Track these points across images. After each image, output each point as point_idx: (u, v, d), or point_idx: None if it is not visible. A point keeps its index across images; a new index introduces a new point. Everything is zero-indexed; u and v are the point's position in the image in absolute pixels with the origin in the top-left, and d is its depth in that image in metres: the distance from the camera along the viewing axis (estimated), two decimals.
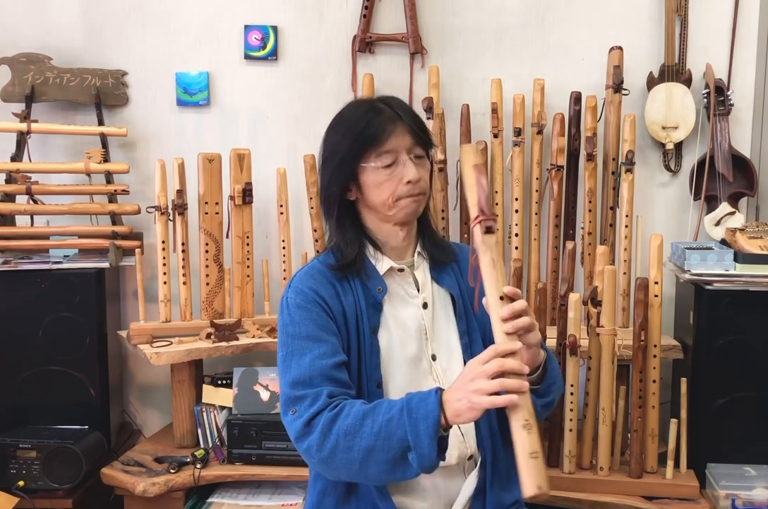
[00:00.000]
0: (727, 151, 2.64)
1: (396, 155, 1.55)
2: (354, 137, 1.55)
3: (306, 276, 1.61)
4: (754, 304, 2.31)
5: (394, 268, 1.62)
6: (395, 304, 1.62)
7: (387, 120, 1.55)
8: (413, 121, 1.57)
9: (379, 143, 1.54)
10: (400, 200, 1.56)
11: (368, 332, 1.57)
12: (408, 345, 1.60)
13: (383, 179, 1.55)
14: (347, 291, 1.59)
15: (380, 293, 1.60)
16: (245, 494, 2.43)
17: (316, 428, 1.42)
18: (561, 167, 2.57)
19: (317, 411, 1.43)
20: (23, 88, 2.68)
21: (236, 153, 2.57)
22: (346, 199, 1.61)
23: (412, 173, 1.54)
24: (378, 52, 2.75)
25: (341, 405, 1.43)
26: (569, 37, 2.73)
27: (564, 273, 2.37)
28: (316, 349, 1.51)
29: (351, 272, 1.60)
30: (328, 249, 1.66)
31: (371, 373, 1.56)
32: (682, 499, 2.23)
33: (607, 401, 2.23)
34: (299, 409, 1.46)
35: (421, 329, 1.62)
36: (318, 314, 1.55)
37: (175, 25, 2.77)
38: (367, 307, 1.58)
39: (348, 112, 1.62)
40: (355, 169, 1.56)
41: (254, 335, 2.54)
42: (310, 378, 1.48)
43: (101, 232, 2.63)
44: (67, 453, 2.35)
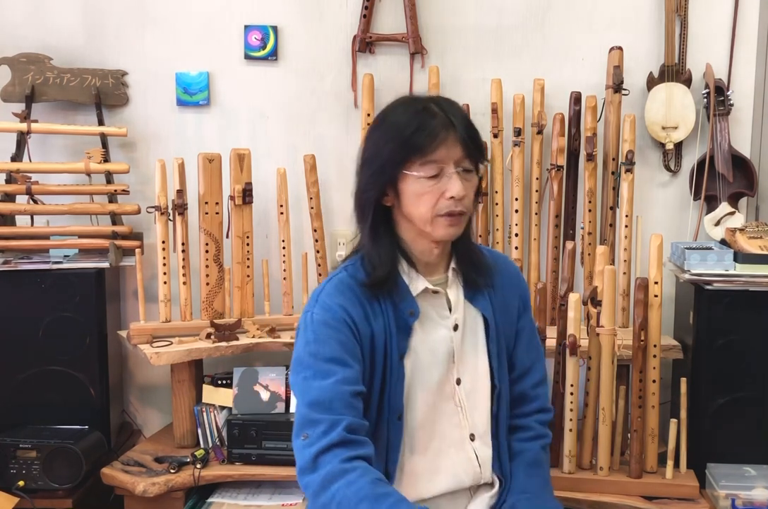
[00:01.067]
0: (727, 151, 2.64)
1: (442, 166, 1.42)
2: (401, 141, 1.42)
3: (335, 292, 1.47)
4: (754, 304, 2.31)
5: (429, 289, 1.51)
6: (426, 327, 1.52)
7: (439, 127, 1.41)
8: (467, 130, 1.44)
9: (426, 151, 1.41)
10: (438, 217, 1.44)
11: (396, 359, 1.47)
12: (434, 370, 1.52)
13: (424, 191, 1.43)
14: (377, 313, 1.48)
15: (412, 317, 1.49)
16: (245, 494, 2.42)
17: (320, 471, 1.32)
18: (561, 167, 2.57)
19: (329, 445, 1.34)
20: (23, 88, 2.68)
21: (236, 153, 2.57)
22: (382, 204, 1.49)
23: (456, 188, 1.42)
24: (378, 52, 2.75)
25: (355, 466, 1.32)
26: (569, 37, 2.73)
27: (564, 273, 2.37)
28: (341, 373, 1.40)
29: (382, 291, 1.48)
30: (355, 257, 1.54)
31: (394, 403, 1.48)
32: (682, 499, 2.23)
33: (607, 401, 2.23)
34: (311, 435, 1.36)
35: (450, 353, 1.53)
36: (346, 335, 1.44)
37: (175, 25, 2.77)
38: (398, 331, 1.48)
39: (397, 111, 1.47)
40: (396, 174, 1.44)
41: (254, 335, 2.54)
42: (331, 402, 1.38)
43: (101, 232, 2.63)
44: (67, 453, 2.35)
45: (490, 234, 2.64)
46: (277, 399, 2.48)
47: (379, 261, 1.48)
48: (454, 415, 1.55)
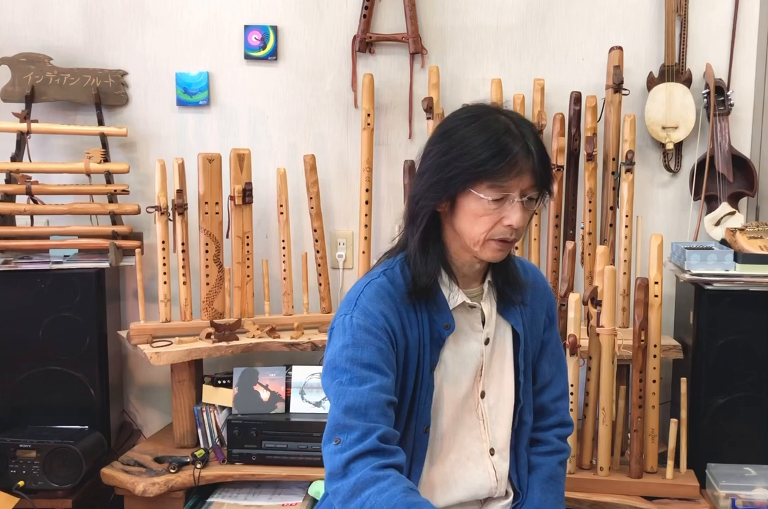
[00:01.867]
0: (727, 151, 2.64)
1: (508, 193, 1.39)
2: (477, 162, 1.36)
3: (376, 297, 1.44)
4: (754, 304, 2.31)
5: (466, 304, 1.49)
6: (458, 339, 1.50)
7: (519, 156, 1.36)
8: (541, 161, 1.40)
9: (501, 179, 1.37)
10: (491, 241, 1.41)
11: (427, 371, 1.45)
12: (462, 383, 1.50)
13: (484, 213, 1.39)
14: (413, 323, 1.45)
15: (447, 330, 1.47)
16: (245, 494, 2.43)
17: (351, 477, 1.30)
18: (561, 167, 2.57)
19: (362, 452, 1.31)
20: (23, 88, 2.68)
21: (236, 153, 2.57)
22: (435, 210, 1.45)
23: (516, 218, 1.39)
24: (378, 52, 2.75)
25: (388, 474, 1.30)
26: (569, 37, 2.73)
27: (564, 273, 2.37)
28: (378, 380, 1.37)
29: (420, 301, 1.46)
30: (393, 260, 1.51)
31: (422, 415, 1.46)
32: (682, 499, 2.23)
33: (607, 401, 2.23)
34: (344, 440, 1.33)
35: (479, 366, 1.52)
36: (385, 344, 1.41)
37: (175, 25, 2.77)
38: (431, 343, 1.46)
39: (473, 126, 1.40)
40: (461, 188, 1.39)
41: (254, 335, 2.54)
42: (366, 408, 1.34)
43: (101, 232, 2.63)
44: (67, 453, 2.35)
45: None
46: (277, 399, 2.48)
47: (425, 270, 1.45)
48: (475, 428, 1.53)
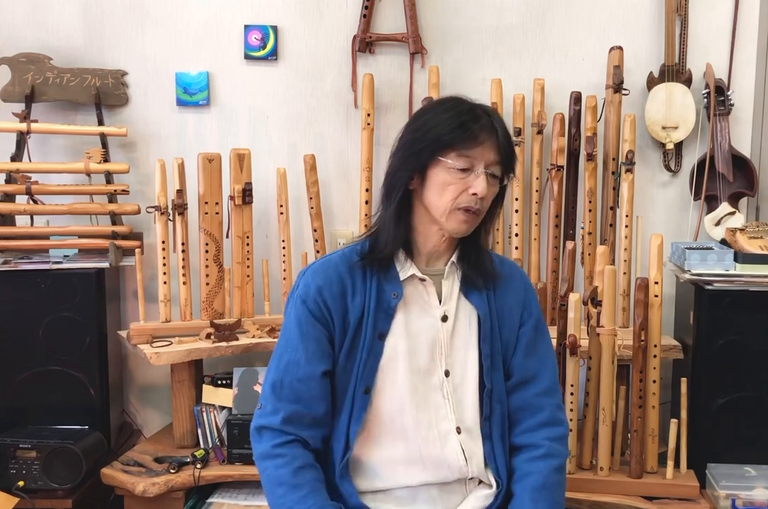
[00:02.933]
0: (727, 151, 2.64)
1: (474, 163, 1.49)
2: (446, 129, 1.48)
3: (319, 270, 1.56)
4: (754, 304, 2.31)
5: (416, 276, 1.56)
6: (411, 312, 1.57)
7: (483, 128, 1.49)
8: (505, 139, 1.52)
9: (467, 146, 1.48)
10: (456, 210, 1.50)
11: (371, 336, 1.53)
12: (418, 356, 1.55)
13: (451, 181, 1.49)
14: (357, 291, 1.55)
15: (395, 298, 1.55)
16: (245, 494, 2.42)
17: (260, 445, 1.54)
18: (561, 167, 2.57)
19: (267, 426, 1.53)
20: (23, 88, 2.68)
21: (236, 153, 2.57)
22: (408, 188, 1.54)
23: (481, 186, 1.49)
24: (378, 52, 2.75)
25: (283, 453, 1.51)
26: (569, 37, 2.73)
27: (564, 273, 2.37)
28: (294, 353, 1.54)
29: (373, 269, 1.55)
30: (365, 237, 1.60)
31: (364, 378, 1.53)
32: (682, 499, 2.23)
33: (607, 401, 2.23)
34: (262, 408, 1.56)
35: (436, 342, 1.57)
36: (307, 317, 1.54)
37: (175, 25, 2.77)
38: (378, 311, 1.54)
39: (445, 105, 1.54)
40: (430, 159, 1.50)
41: (254, 335, 2.54)
42: (282, 384, 1.54)
43: (101, 232, 2.63)
44: (67, 453, 2.35)
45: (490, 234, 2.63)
46: None
47: (390, 240, 1.54)
48: (441, 407, 1.56)
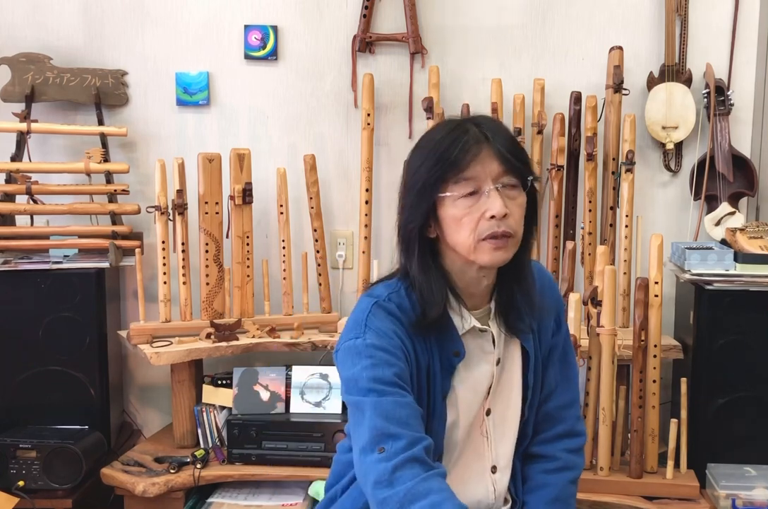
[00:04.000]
0: (727, 151, 2.64)
1: (479, 183, 1.31)
2: (434, 161, 1.32)
3: (386, 318, 1.36)
4: (754, 304, 2.31)
5: (476, 328, 1.41)
6: (470, 365, 1.42)
7: (471, 141, 1.31)
8: (504, 143, 1.32)
9: (459, 168, 1.30)
10: (481, 241, 1.31)
11: (437, 399, 1.39)
12: (473, 407, 1.44)
13: (462, 213, 1.31)
14: (423, 350, 1.38)
15: (457, 357, 1.39)
16: (245, 494, 2.42)
17: (400, 487, 1.20)
18: (561, 166, 2.57)
19: (409, 459, 1.22)
20: (23, 88, 2.68)
21: (236, 153, 2.57)
22: (427, 236, 1.37)
23: (496, 207, 1.29)
24: (378, 52, 2.75)
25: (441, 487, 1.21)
26: (569, 37, 2.73)
27: (564, 273, 2.37)
28: (409, 395, 1.31)
29: (431, 330, 1.37)
30: (396, 283, 1.42)
31: (435, 445, 1.34)
32: (682, 499, 2.23)
33: (607, 401, 2.23)
34: (389, 449, 1.23)
35: (489, 387, 1.45)
36: (404, 364, 1.33)
37: (175, 25, 2.77)
38: (442, 371, 1.39)
39: (431, 133, 1.38)
40: (434, 199, 1.33)
41: (254, 335, 2.54)
42: (408, 417, 1.27)
43: (101, 232, 2.63)
44: (67, 453, 2.35)
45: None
46: (277, 399, 2.48)
47: (433, 297, 1.36)
48: (479, 446, 1.48)
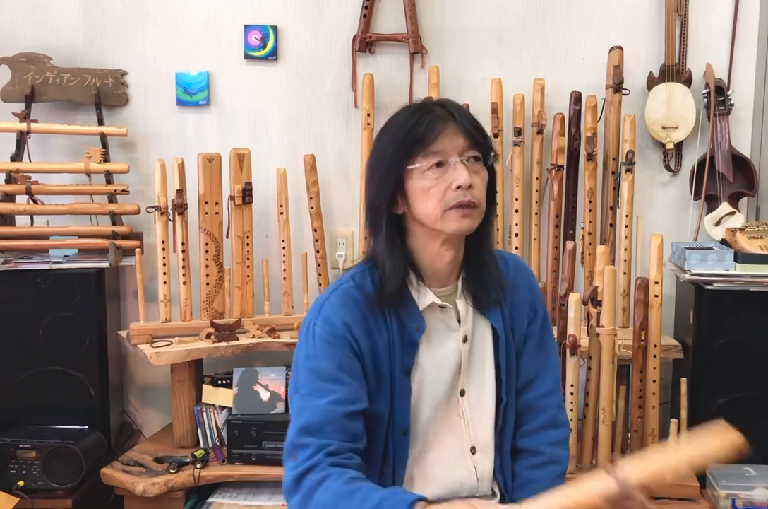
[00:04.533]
0: (727, 151, 2.64)
1: (446, 157, 1.38)
2: (401, 137, 1.39)
3: (339, 304, 1.43)
4: (754, 304, 2.31)
5: (435, 304, 1.46)
6: (433, 341, 1.47)
7: (437, 118, 1.39)
8: (468, 121, 1.41)
9: (426, 142, 1.37)
10: (449, 210, 1.38)
11: (401, 374, 1.43)
12: (440, 384, 1.47)
13: (430, 184, 1.38)
14: (381, 327, 1.43)
15: (417, 332, 1.44)
16: (245, 494, 2.42)
17: (301, 490, 1.33)
18: (561, 166, 2.57)
19: (312, 466, 1.33)
20: (23, 88, 2.68)
21: (236, 153, 2.57)
22: (394, 213, 1.43)
23: (463, 177, 1.36)
24: (378, 52, 2.75)
25: (329, 473, 1.31)
26: (569, 37, 2.73)
27: (564, 273, 2.37)
28: (336, 393, 1.37)
29: (389, 305, 1.43)
30: (364, 265, 1.48)
31: (399, 420, 1.43)
32: (683, 499, 2.23)
33: (607, 401, 2.23)
34: (299, 458, 1.35)
35: (458, 365, 1.48)
36: (345, 353, 1.40)
37: (175, 25, 2.77)
38: (402, 346, 1.43)
39: (397, 115, 1.46)
40: (401, 174, 1.39)
41: (254, 335, 2.54)
42: (322, 424, 1.36)
43: (101, 232, 2.63)
44: (67, 453, 2.35)
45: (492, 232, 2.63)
46: (277, 399, 2.48)
47: (392, 272, 1.42)
48: (456, 426, 1.50)
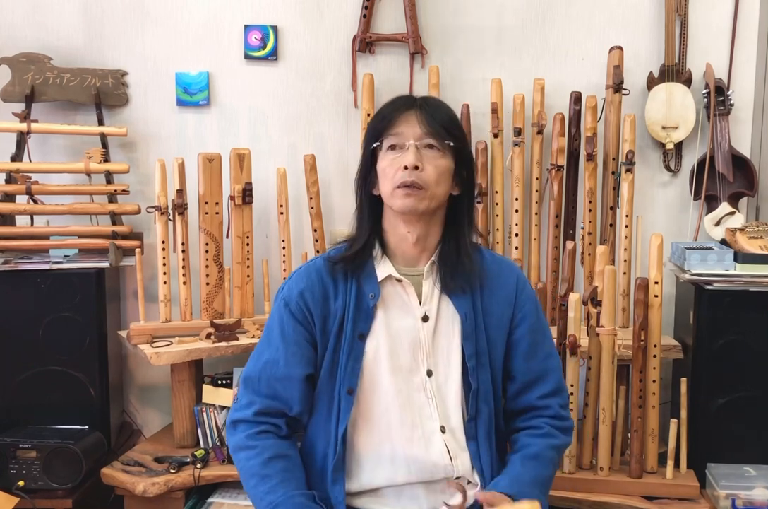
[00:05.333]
0: (727, 151, 2.64)
1: (402, 140, 1.51)
2: (376, 119, 1.56)
3: (303, 275, 1.60)
4: (754, 304, 2.31)
5: (392, 277, 1.57)
6: (392, 312, 1.58)
7: (401, 103, 1.54)
8: (433, 113, 1.53)
9: (389, 124, 1.52)
10: (396, 189, 1.51)
11: (351, 337, 1.55)
12: (399, 356, 1.57)
13: (387, 164, 1.52)
14: (339, 293, 1.57)
15: (372, 299, 1.56)
16: (245, 494, 2.41)
17: (234, 437, 1.58)
18: (561, 167, 2.57)
19: (241, 419, 1.58)
20: (23, 88, 2.68)
21: (236, 153, 2.57)
22: (372, 193, 1.58)
23: (409, 158, 1.49)
24: (378, 52, 2.75)
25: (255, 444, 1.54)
26: (569, 37, 2.73)
27: (564, 273, 2.37)
28: (274, 353, 1.57)
29: (350, 269, 1.57)
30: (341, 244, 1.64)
31: (347, 378, 1.54)
32: (682, 499, 2.23)
33: (607, 401, 2.23)
34: (237, 402, 1.60)
35: (417, 342, 1.57)
36: (288, 320, 1.58)
37: (175, 25, 2.77)
38: (357, 312, 1.56)
39: None
40: (372, 150, 1.55)
41: (254, 335, 2.54)
42: (258, 380, 1.58)
43: (101, 232, 2.63)
44: (67, 453, 2.35)
45: (490, 234, 2.64)
46: None
47: (358, 238, 1.58)
48: (425, 406, 1.57)
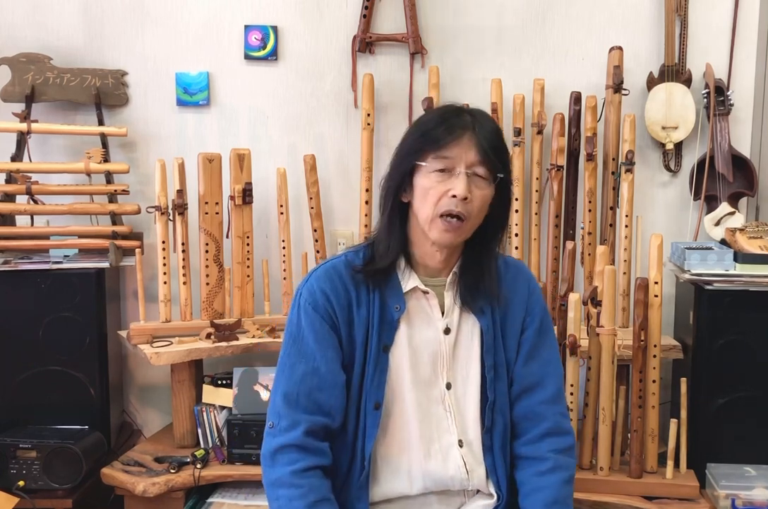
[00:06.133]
0: (727, 151, 2.64)
1: (453, 164, 1.44)
2: (421, 132, 1.47)
3: (324, 276, 1.53)
4: (754, 304, 2.31)
5: (418, 289, 1.54)
6: (415, 324, 1.54)
7: (459, 125, 1.44)
8: (488, 137, 1.45)
9: (439, 145, 1.43)
10: (438, 218, 1.45)
11: (376, 349, 1.51)
12: (420, 368, 1.54)
13: (431, 185, 1.44)
14: (362, 303, 1.52)
15: (397, 311, 1.52)
16: (245, 494, 2.42)
17: (275, 469, 1.45)
18: (561, 167, 2.57)
19: (287, 444, 1.45)
20: (23, 88, 2.68)
21: (236, 153, 2.57)
22: (401, 200, 1.51)
23: (460, 188, 1.42)
24: (378, 52, 2.75)
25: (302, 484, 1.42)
26: (569, 37, 2.73)
27: (564, 273, 2.37)
28: (312, 362, 1.49)
29: (374, 281, 1.52)
30: (362, 245, 1.58)
31: (373, 392, 1.51)
32: (682, 499, 2.23)
33: (607, 401, 2.23)
34: (276, 425, 1.48)
35: (438, 355, 1.54)
36: (321, 324, 1.50)
37: (175, 25, 2.77)
38: (382, 324, 1.52)
39: (429, 112, 1.54)
40: (412, 166, 1.47)
41: (254, 335, 2.54)
42: (297, 396, 1.48)
43: (101, 232, 2.63)
44: (67, 453, 2.35)
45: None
46: None
47: (386, 252, 1.51)
48: (443, 419, 1.55)
